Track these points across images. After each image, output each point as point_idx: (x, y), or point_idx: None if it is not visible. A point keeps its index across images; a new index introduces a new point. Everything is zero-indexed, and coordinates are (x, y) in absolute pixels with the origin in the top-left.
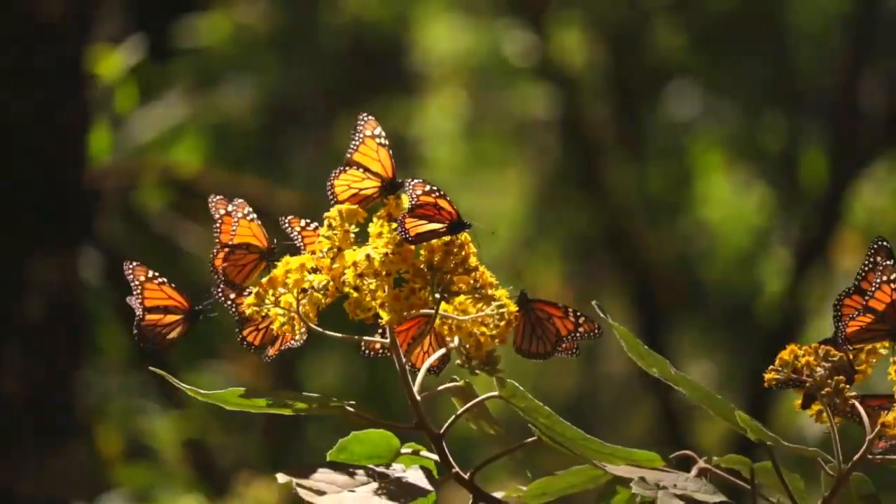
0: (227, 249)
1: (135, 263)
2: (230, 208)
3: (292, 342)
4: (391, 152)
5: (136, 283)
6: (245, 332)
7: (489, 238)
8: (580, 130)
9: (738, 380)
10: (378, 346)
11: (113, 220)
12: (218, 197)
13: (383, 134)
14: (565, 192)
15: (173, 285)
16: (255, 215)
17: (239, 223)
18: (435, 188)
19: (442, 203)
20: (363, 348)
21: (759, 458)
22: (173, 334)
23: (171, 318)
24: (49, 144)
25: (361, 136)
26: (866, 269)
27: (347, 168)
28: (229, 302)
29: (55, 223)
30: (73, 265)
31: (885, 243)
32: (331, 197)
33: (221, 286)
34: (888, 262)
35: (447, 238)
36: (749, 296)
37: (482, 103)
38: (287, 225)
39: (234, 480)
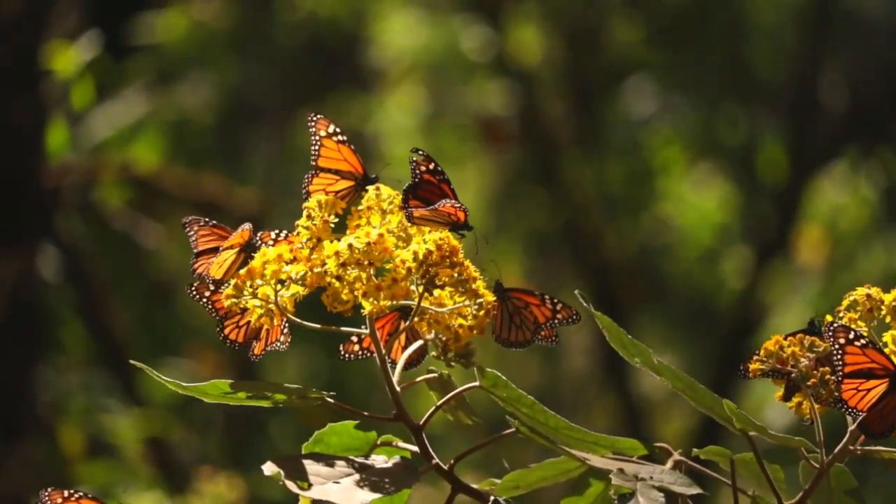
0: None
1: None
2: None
3: (277, 343)
4: (352, 146)
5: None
6: (226, 330)
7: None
8: (538, 126)
9: (700, 375)
10: (356, 347)
11: (72, 217)
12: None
13: (338, 130)
14: (524, 188)
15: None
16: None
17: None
18: (439, 168)
19: (445, 189)
20: (342, 351)
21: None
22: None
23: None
24: (5, 141)
25: (318, 138)
26: (838, 353)
27: (317, 173)
28: (204, 300)
29: (13, 221)
30: (32, 263)
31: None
32: (313, 159)
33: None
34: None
35: (444, 233)
36: (710, 291)
37: (440, 99)
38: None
39: (195, 477)
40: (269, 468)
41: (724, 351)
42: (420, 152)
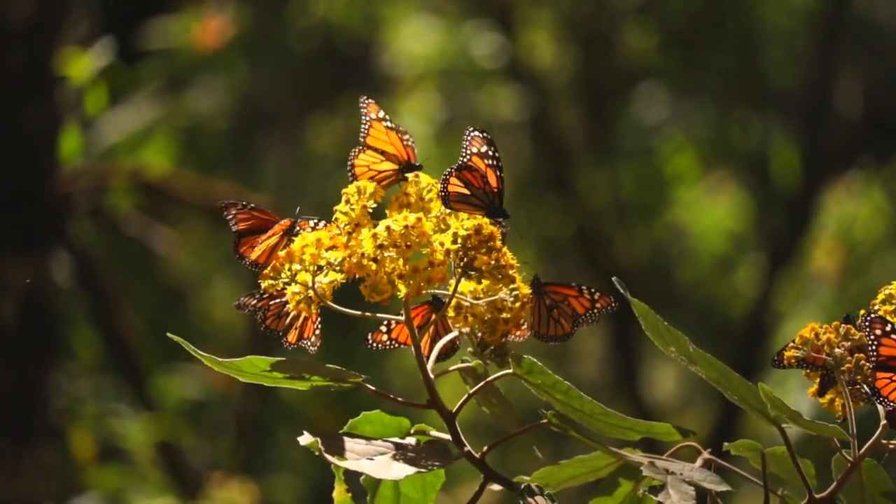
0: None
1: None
2: (381, 114)
3: (308, 340)
4: (403, 135)
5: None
6: (268, 321)
7: None
8: (550, 132)
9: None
10: (384, 337)
11: (83, 222)
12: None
13: (388, 117)
14: (536, 193)
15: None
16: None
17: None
18: (491, 152)
19: (490, 176)
20: (370, 340)
21: (739, 461)
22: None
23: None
24: (20, 147)
25: (368, 119)
26: (873, 343)
27: (364, 150)
28: (250, 309)
29: (26, 226)
30: (45, 267)
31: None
32: (350, 177)
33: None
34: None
35: (480, 217)
36: (723, 299)
37: (452, 105)
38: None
39: (207, 483)
40: (305, 438)
41: (737, 358)
42: (479, 131)
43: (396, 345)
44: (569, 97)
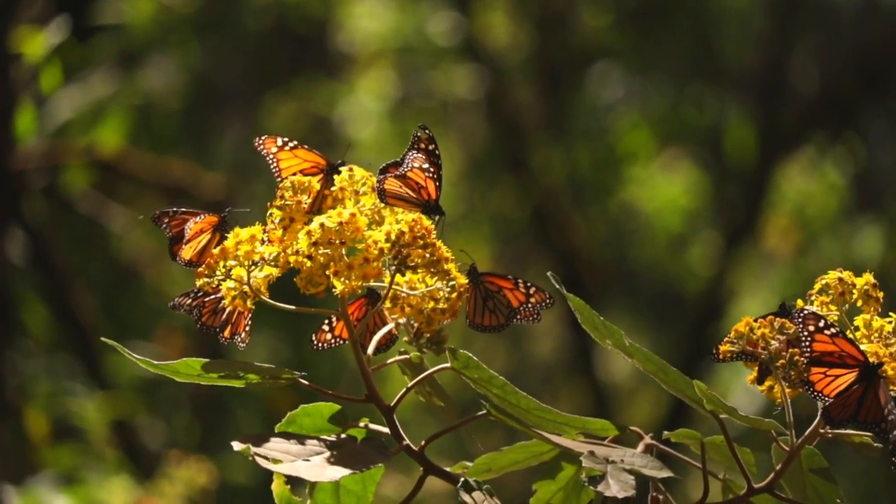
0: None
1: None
2: (280, 142)
3: (238, 336)
4: (305, 146)
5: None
6: (204, 317)
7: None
8: (506, 111)
9: (667, 360)
10: (328, 336)
11: (37, 200)
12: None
13: (286, 140)
14: (492, 172)
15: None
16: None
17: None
18: (431, 171)
19: (430, 186)
20: (314, 341)
21: (687, 447)
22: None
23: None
24: None
25: (271, 156)
26: (807, 339)
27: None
28: (185, 308)
29: None
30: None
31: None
32: (275, 173)
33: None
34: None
35: (416, 214)
36: (678, 277)
37: (407, 83)
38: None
39: (162, 461)
40: (238, 444)
41: (692, 337)
42: (426, 130)
43: (341, 342)
44: (524, 76)
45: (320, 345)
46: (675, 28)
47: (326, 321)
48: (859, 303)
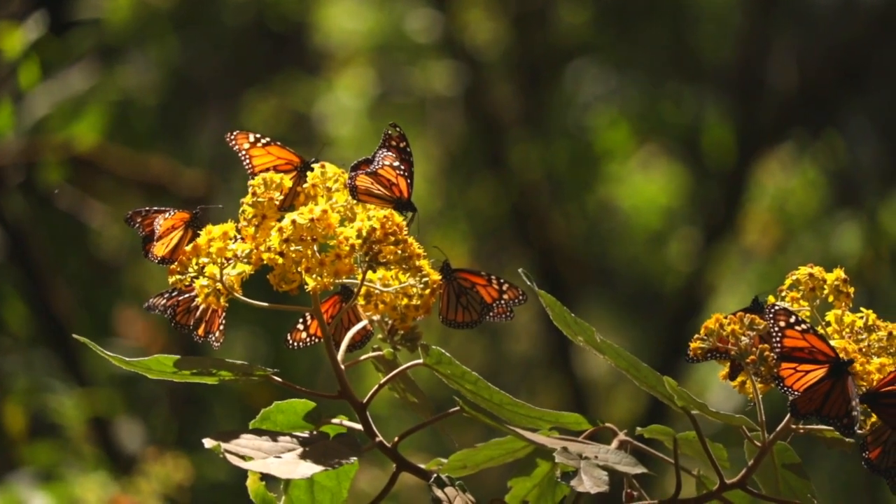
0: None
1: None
2: (252, 138)
3: (212, 335)
4: (279, 143)
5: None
6: (178, 317)
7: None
8: (484, 107)
9: (645, 357)
10: (303, 335)
11: (15, 196)
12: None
13: (259, 136)
14: (470, 169)
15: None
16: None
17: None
18: (402, 168)
19: (401, 183)
20: (289, 340)
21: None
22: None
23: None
24: None
25: (243, 152)
26: (777, 335)
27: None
28: (160, 309)
29: None
30: None
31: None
32: (248, 169)
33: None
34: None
35: (388, 210)
36: (657, 274)
37: (386, 81)
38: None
39: (140, 458)
40: (209, 441)
41: (670, 333)
42: (397, 128)
43: (316, 341)
44: (502, 72)
45: (296, 343)
46: (654, 25)
47: (301, 320)
48: (830, 298)
